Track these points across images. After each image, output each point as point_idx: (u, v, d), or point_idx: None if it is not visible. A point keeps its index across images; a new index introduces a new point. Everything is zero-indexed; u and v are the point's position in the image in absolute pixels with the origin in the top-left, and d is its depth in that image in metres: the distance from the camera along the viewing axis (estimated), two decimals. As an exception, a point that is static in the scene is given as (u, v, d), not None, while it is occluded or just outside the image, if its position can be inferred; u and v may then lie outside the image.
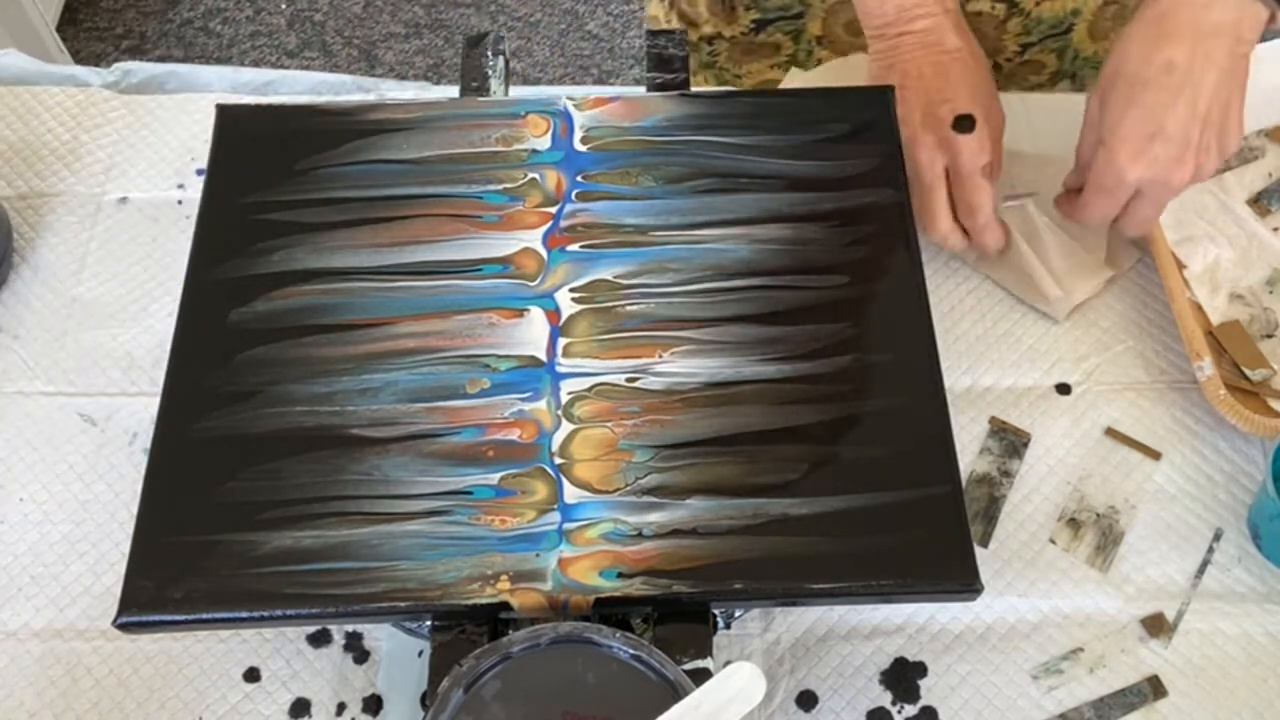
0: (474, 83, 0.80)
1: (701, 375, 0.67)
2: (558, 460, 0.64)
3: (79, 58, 2.01)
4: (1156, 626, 0.70)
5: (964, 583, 0.61)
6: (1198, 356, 0.74)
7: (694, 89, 0.80)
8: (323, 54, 2.06)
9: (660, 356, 0.67)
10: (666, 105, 0.77)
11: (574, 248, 0.71)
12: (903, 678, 0.69)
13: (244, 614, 0.61)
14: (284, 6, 2.11)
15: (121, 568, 0.61)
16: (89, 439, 0.77)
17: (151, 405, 0.71)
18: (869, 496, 0.63)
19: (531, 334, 0.68)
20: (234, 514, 0.63)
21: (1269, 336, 0.79)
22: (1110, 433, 0.77)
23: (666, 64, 0.81)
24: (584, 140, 0.75)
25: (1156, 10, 0.73)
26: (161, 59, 2.03)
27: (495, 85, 0.80)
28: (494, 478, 0.64)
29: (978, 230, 0.79)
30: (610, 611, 0.61)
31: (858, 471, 0.64)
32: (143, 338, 0.81)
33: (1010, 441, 0.76)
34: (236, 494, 0.63)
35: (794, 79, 0.90)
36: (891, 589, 0.61)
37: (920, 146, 0.78)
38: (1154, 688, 0.68)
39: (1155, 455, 0.76)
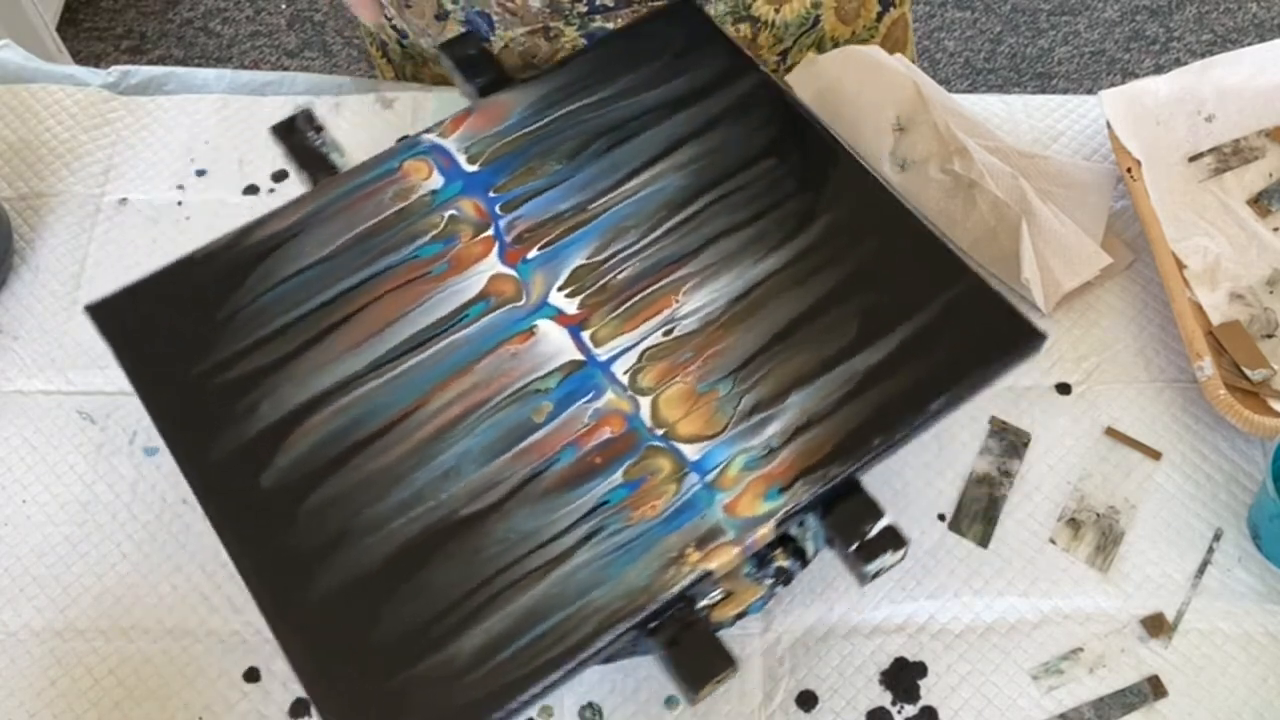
0: (313, 167, 0.76)
1: (720, 298, 0.68)
2: (659, 431, 0.64)
3: (79, 58, 2.00)
4: (1156, 626, 0.70)
5: (1027, 336, 0.66)
6: (1198, 356, 0.74)
7: (531, 74, 0.78)
8: (323, 54, 2.06)
9: (676, 302, 0.68)
10: (517, 97, 0.76)
11: (533, 253, 0.71)
12: (903, 678, 0.69)
13: None
14: (284, 6, 2.11)
15: (122, 568, 0.61)
16: (88, 438, 0.77)
17: (151, 406, 0.70)
18: (918, 318, 0.67)
19: (554, 344, 0.68)
20: (408, 645, 0.58)
21: (1269, 336, 0.79)
22: (1110, 432, 0.77)
23: (476, 65, 0.79)
24: (470, 160, 0.74)
25: None
26: (161, 59, 2.03)
27: (336, 158, 0.76)
28: (617, 478, 0.63)
29: None
30: (788, 530, 0.63)
31: (893, 303, 0.67)
32: (143, 338, 0.81)
33: (1010, 441, 0.76)
34: (397, 627, 0.59)
35: (808, 65, 0.90)
36: (983, 376, 0.65)
37: None
38: (1154, 688, 0.68)
39: (1155, 455, 0.76)
